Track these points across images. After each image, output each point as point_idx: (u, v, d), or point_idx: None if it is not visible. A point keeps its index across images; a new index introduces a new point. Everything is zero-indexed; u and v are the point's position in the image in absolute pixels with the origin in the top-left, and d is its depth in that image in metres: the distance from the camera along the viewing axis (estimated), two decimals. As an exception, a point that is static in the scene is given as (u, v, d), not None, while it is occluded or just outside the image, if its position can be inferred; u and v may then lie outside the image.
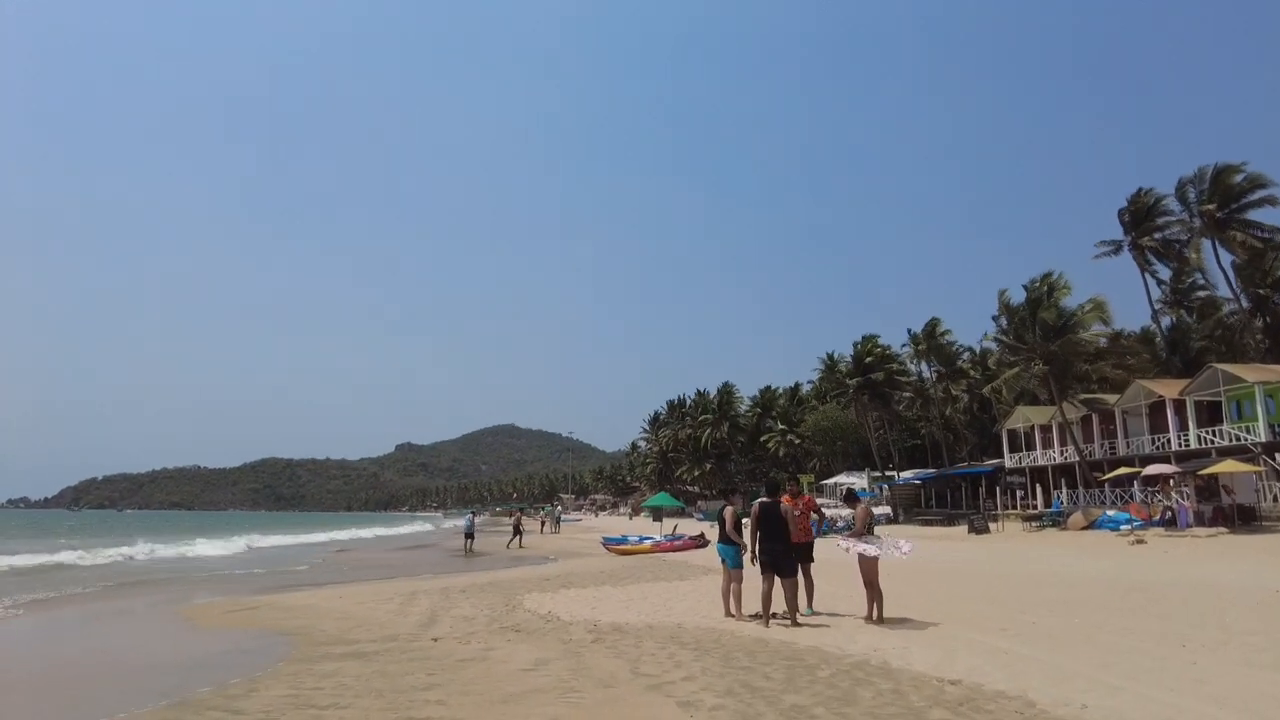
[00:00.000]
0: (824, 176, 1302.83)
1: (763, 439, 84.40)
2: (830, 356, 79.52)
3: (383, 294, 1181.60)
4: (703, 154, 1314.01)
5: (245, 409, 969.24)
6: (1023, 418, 46.38)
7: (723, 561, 9.78)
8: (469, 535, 30.89)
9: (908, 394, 67.45)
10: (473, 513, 42.91)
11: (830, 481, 66.18)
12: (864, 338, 66.43)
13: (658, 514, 56.85)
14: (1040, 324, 39.65)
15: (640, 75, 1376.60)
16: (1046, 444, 44.88)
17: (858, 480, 62.62)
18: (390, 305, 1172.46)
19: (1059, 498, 40.85)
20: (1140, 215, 44.36)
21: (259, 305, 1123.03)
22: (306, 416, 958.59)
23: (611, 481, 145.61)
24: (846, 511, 52.76)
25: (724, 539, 9.63)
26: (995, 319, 53.42)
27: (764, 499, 9.26)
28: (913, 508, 55.01)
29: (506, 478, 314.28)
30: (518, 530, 34.30)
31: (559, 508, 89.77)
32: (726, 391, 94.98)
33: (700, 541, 24.95)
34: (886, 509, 51.38)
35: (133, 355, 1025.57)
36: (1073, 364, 39.65)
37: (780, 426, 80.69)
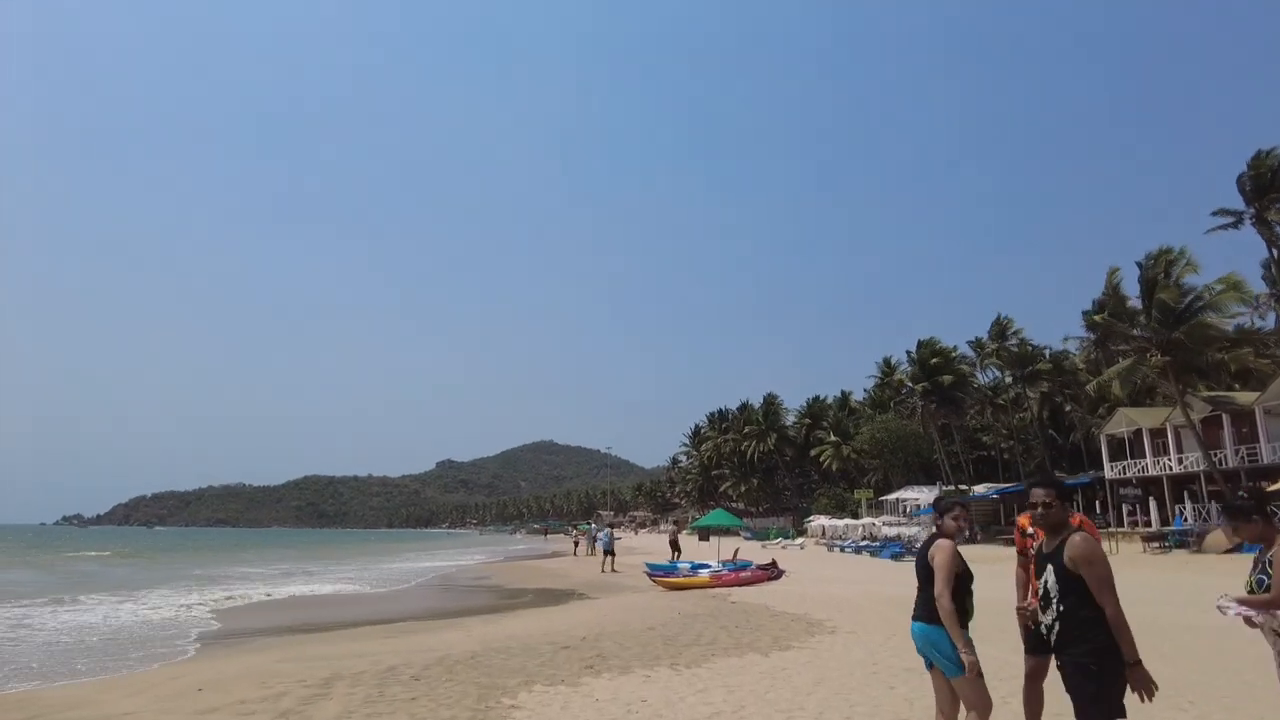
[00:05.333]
0: (858, 181, 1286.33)
1: (813, 452, 78.67)
2: (887, 362, 73.74)
3: (424, 313, 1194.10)
4: (733, 165, 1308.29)
5: (289, 427, 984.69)
6: (1126, 420, 40.11)
7: (928, 663, 4.34)
8: (609, 552, 29.39)
9: (974, 402, 61.27)
10: (610, 526, 39.99)
11: (892, 497, 60.24)
12: (923, 341, 60.64)
13: (704, 533, 51.22)
14: (1158, 307, 33.54)
15: (668, 90, 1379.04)
16: (1158, 450, 38.50)
17: (925, 495, 56.53)
18: (431, 324, 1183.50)
19: (1181, 514, 34.55)
20: (1264, 181, 37.99)
21: (303, 324, 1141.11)
22: (349, 434, 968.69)
23: (651, 497, 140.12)
24: (912, 530, 47.18)
25: (928, 614, 4.25)
26: (1087, 313, 47.48)
27: (1075, 527, 3.86)
28: (991, 525, 49.12)
29: (545, 494, 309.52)
30: (676, 546, 30.22)
31: (595, 526, 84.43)
32: (771, 402, 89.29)
33: (773, 572, 19.41)
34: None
35: (181, 375, 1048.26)
36: (1202, 354, 33.32)
37: (833, 438, 74.73)
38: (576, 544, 47.21)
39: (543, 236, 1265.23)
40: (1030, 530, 5.18)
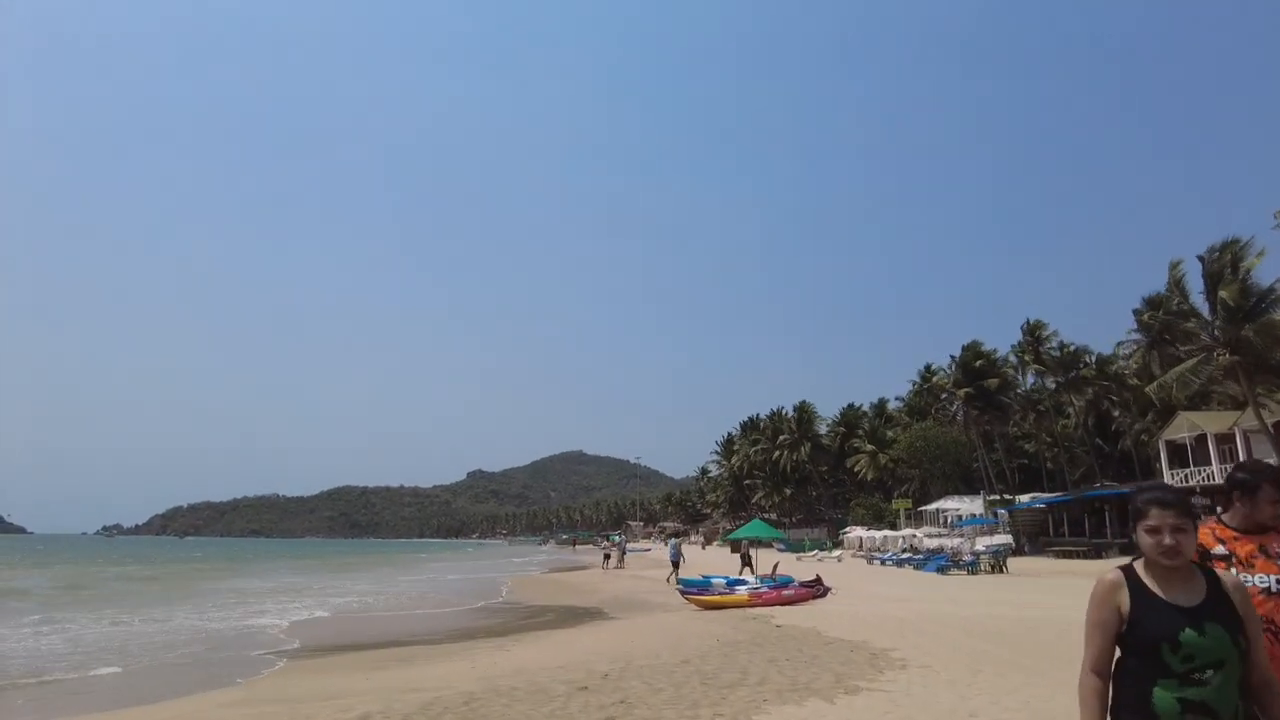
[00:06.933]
0: (888, 193, 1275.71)
1: (849, 461, 76.31)
2: (928, 367, 71.44)
3: (455, 324, 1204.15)
4: (763, 169, 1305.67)
5: (322, 438, 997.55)
6: (1188, 425, 37.69)
7: None
8: (675, 564, 29.57)
9: (1018, 408, 58.71)
10: (675, 537, 39.21)
11: (933, 507, 57.84)
12: (967, 344, 58.31)
13: (736, 545, 49.31)
14: (1223, 303, 31.26)
15: (698, 94, 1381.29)
16: (1225, 457, 35.97)
17: (965, 505, 54.09)
18: (462, 334, 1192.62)
19: (1254, 525, 32.05)
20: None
21: (335, 334, 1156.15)
22: (381, 445, 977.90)
23: (681, 508, 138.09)
24: (954, 541, 44.75)
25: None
26: (1138, 312, 45.02)
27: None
28: (1039, 536, 46.73)
29: (575, 504, 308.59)
30: (748, 561, 27.75)
31: (624, 537, 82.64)
32: (804, 410, 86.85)
33: (818, 589, 17.62)
34: (1007, 538, 43.21)
35: (215, 387, 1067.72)
36: (1273, 353, 30.95)
37: (869, 447, 72.37)
38: (607, 556, 45.62)
39: (573, 248, 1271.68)
40: (1218, 550, 3.45)
